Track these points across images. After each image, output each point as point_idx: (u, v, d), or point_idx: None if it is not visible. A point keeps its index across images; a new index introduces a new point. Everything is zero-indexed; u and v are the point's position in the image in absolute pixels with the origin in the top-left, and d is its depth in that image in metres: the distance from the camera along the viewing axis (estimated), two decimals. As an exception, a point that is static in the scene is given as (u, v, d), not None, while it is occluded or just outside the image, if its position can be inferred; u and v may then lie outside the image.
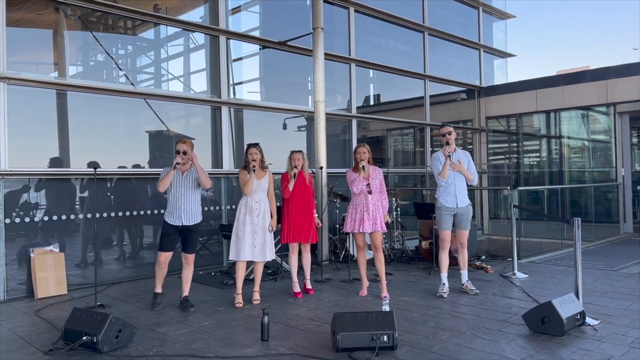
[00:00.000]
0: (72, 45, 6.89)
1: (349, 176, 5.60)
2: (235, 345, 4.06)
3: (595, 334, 4.20)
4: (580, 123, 11.98)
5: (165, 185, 5.00)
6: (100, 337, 3.82)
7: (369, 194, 5.46)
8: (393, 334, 3.83)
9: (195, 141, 7.75)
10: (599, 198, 11.51)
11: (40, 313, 5.08)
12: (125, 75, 7.34)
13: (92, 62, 7.44)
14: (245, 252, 5.20)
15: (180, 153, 5.01)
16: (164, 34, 8.03)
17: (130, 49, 7.88)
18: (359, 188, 5.47)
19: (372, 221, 5.41)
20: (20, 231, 6.03)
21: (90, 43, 7.12)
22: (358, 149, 5.55)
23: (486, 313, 4.87)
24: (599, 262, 7.39)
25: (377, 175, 5.53)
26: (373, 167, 5.56)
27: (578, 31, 44.80)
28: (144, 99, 7.15)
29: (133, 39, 7.77)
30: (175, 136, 7.66)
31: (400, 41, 10.98)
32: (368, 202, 5.44)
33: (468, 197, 5.67)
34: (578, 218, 4.72)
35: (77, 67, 7.24)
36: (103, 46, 7.12)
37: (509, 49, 13.62)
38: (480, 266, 6.50)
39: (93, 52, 7.30)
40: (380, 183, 5.53)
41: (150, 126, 7.32)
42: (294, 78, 9.41)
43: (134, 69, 7.90)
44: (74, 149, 6.59)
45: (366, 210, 5.43)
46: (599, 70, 11.09)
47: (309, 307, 5.22)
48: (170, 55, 8.15)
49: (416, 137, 11.70)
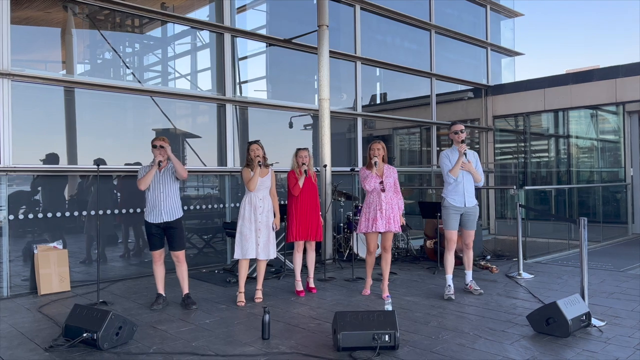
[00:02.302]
0: (80, 43, 6.92)
1: (362, 173, 5.46)
2: (236, 344, 4.03)
3: (600, 336, 4.14)
4: (589, 122, 11.86)
5: (147, 183, 4.98)
6: (100, 334, 3.81)
7: (382, 191, 5.33)
8: (394, 334, 3.79)
9: (202, 139, 7.89)
10: (607, 198, 11.38)
11: (42, 309, 5.08)
12: (133, 74, 7.35)
13: (99, 60, 7.46)
14: (249, 250, 5.18)
15: (158, 147, 4.98)
16: (171, 32, 8.04)
17: (138, 47, 7.89)
18: (372, 185, 5.33)
19: (386, 220, 5.30)
20: (24, 228, 6.05)
21: (97, 41, 7.13)
22: (372, 145, 5.41)
23: (490, 313, 4.81)
24: (606, 263, 7.31)
25: (392, 174, 5.41)
26: (387, 165, 5.45)
27: (587, 30, 44.44)
28: (149, 97, 7.15)
29: (140, 37, 7.78)
30: (183, 134, 7.67)
31: (407, 39, 10.92)
32: (381, 201, 5.32)
33: (475, 197, 5.60)
34: (584, 218, 4.65)
35: (84, 65, 7.26)
36: (110, 44, 7.13)
37: (516, 48, 13.53)
38: (485, 266, 6.44)
39: (100, 50, 7.32)
40: (394, 182, 5.42)
41: (157, 124, 7.33)
42: (301, 76, 9.38)
43: (140, 66, 7.91)
44: (81, 146, 6.61)
45: (379, 209, 5.31)
46: (609, 69, 10.97)
47: (311, 305, 5.19)
48: (177, 54, 8.16)
49: (422, 136, 11.63)
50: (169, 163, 5.12)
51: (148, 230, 5.11)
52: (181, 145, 7.70)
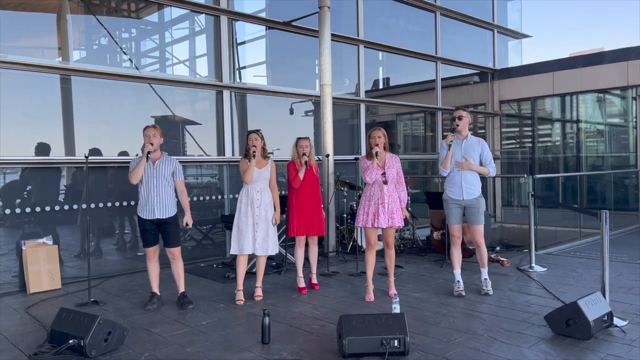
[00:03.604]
0: (76, 29, 6.63)
1: (362, 164, 5.02)
2: (234, 349, 3.76)
3: (624, 337, 3.86)
4: (599, 106, 11.50)
5: (138, 176, 4.66)
6: (87, 340, 3.54)
7: (385, 184, 4.89)
8: (404, 339, 3.51)
9: (202, 127, 7.58)
10: (617, 185, 11.06)
11: (30, 310, 4.81)
12: (130, 60, 7.05)
13: (95, 46, 7.15)
14: (246, 245, 4.89)
15: (150, 137, 4.67)
16: (169, 17, 7.72)
17: (135, 33, 7.59)
18: (373, 177, 4.89)
19: (389, 215, 4.87)
20: (12, 222, 5.77)
21: (93, 27, 6.85)
22: (372, 133, 4.94)
23: (504, 312, 4.53)
24: (620, 253, 7.01)
25: (394, 164, 4.96)
26: (390, 154, 4.99)
27: (592, 12, 43.62)
28: (141, 82, 6.83)
29: (137, 22, 7.46)
30: (182, 121, 7.38)
31: (411, 22, 10.53)
32: (384, 194, 4.89)
33: (479, 188, 5.15)
34: (606, 211, 4.33)
35: (80, 51, 6.97)
36: (107, 29, 6.79)
37: (523, 30, 13.10)
38: (496, 259, 6.14)
39: (96, 36, 7.05)
40: (397, 172, 4.98)
41: (156, 111, 7.06)
42: (301, 61, 9.02)
43: (137, 53, 7.63)
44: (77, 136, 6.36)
45: (382, 202, 4.88)
46: (620, 51, 10.56)
47: (314, 304, 4.92)
48: (175, 39, 7.87)
49: (427, 121, 11.30)
50: (163, 154, 4.82)
51: (141, 226, 4.83)
52: (181, 133, 7.43)
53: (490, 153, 5.20)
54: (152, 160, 4.73)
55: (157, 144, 4.73)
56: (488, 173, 5.16)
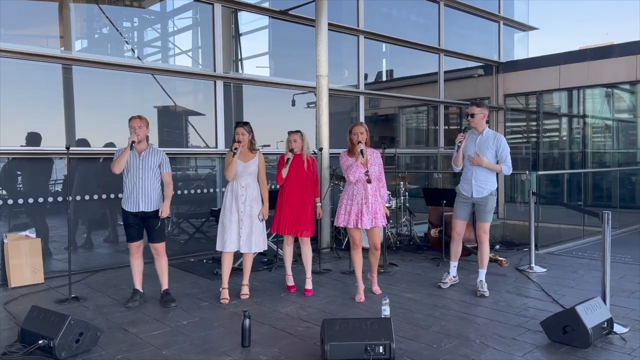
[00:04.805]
0: (78, 18, 6.48)
1: (343, 161, 4.78)
2: (212, 352, 3.59)
3: (624, 346, 3.66)
4: (606, 101, 11.19)
5: (120, 166, 4.48)
6: (57, 341, 3.37)
7: (368, 182, 4.68)
8: (390, 345, 3.32)
9: (202, 117, 7.38)
10: (624, 182, 10.77)
11: (8, 306, 4.67)
12: (132, 49, 6.88)
13: (97, 35, 7.01)
14: (230, 242, 4.70)
15: (135, 128, 4.48)
16: (171, 7, 7.60)
17: (137, 22, 7.42)
18: (357, 176, 4.67)
19: (372, 215, 4.67)
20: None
21: (95, 15, 6.70)
22: (353, 129, 4.68)
23: (499, 316, 4.33)
24: (624, 254, 6.77)
25: (376, 161, 4.75)
26: (371, 150, 4.77)
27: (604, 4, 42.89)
28: (142, 73, 6.71)
29: (140, 11, 7.26)
30: (184, 112, 7.21)
31: (414, 12, 10.26)
32: (367, 193, 4.67)
33: (491, 187, 4.95)
34: (608, 212, 4.11)
35: (82, 40, 6.81)
36: (109, 18, 6.61)
37: (530, 22, 12.76)
38: (494, 259, 5.91)
39: (97, 25, 6.88)
40: (379, 169, 4.77)
41: (157, 101, 6.93)
42: (303, 52, 8.78)
43: (140, 42, 7.47)
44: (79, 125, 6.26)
45: (365, 202, 4.66)
46: (628, 45, 10.24)
47: (302, 304, 4.73)
48: (177, 29, 7.70)
49: (429, 115, 11.04)
50: (150, 146, 4.64)
51: (125, 219, 4.65)
52: (183, 124, 7.29)
53: (507, 149, 4.96)
54: (137, 152, 4.55)
55: (142, 135, 4.55)
56: (500, 171, 4.96)
